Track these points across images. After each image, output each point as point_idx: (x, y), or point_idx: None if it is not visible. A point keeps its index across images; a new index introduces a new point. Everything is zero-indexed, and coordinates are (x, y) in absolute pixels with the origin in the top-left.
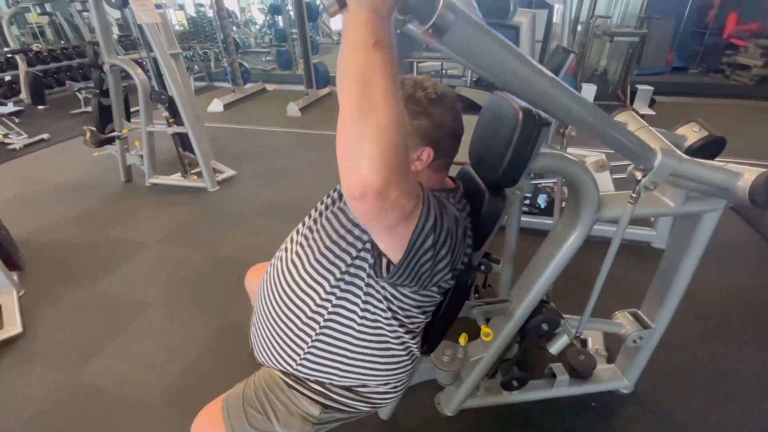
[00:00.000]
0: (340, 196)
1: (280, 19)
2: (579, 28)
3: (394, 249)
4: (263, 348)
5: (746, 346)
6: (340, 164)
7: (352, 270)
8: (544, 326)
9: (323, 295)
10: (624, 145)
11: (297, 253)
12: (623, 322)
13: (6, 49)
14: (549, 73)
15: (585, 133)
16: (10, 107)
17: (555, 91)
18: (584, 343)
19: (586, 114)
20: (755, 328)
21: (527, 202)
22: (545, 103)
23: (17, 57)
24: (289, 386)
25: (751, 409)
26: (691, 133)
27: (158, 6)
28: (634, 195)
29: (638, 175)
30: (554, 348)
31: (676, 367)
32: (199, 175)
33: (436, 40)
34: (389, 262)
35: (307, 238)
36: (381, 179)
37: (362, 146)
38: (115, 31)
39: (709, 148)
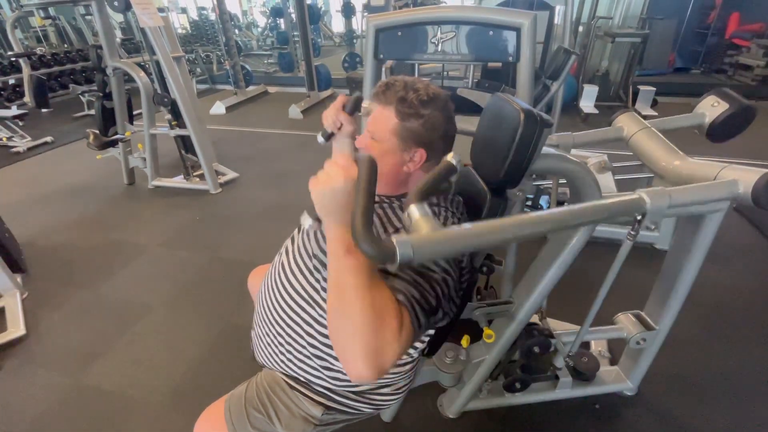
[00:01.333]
0: None
1: (281, 21)
2: (580, 29)
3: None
4: (265, 350)
5: (751, 347)
6: (339, 358)
7: None
8: (536, 350)
9: (321, 303)
10: (611, 214)
11: (296, 258)
12: (626, 323)
13: (10, 53)
14: (509, 220)
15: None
16: (14, 110)
17: (523, 227)
18: (587, 345)
19: (559, 223)
20: (760, 330)
21: (529, 203)
22: (521, 238)
23: (21, 60)
24: (291, 387)
25: (757, 412)
26: (711, 109)
27: (161, 9)
28: (632, 233)
29: (637, 216)
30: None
31: (680, 368)
32: (202, 177)
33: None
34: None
35: (304, 244)
36: (373, 369)
37: (346, 348)
38: (118, 35)
39: (734, 122)
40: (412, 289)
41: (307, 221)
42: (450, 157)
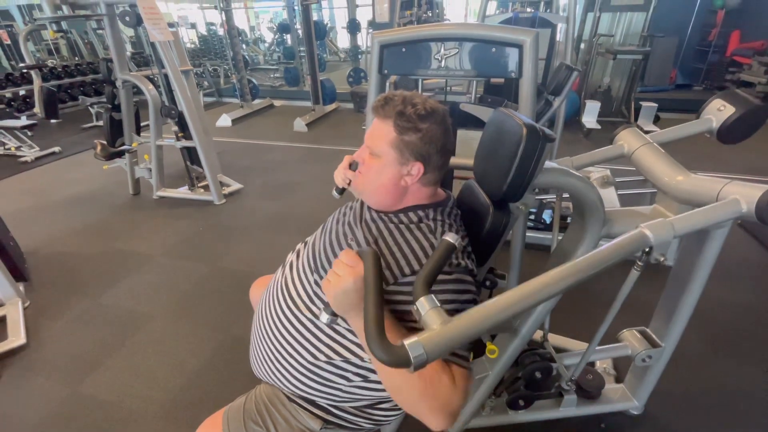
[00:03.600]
0: (351, 227)
1: (288, 37)
2: (582, 46)
3: None
4: (263, 365)
5: (758, 365)
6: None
7: None
8: (537, 375)
9: (322, 326)
10: (622, 254)
11: (298, 276)
12: (631, 340)
13: (22, 65)
14: (515, 293)
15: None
16: (24, 121)
17: (531, 293)
18: (592, 362)
19: (567, 281)
20: (767, 347)
21: (532, 217)
22: (531, 305)
23: (32, 72)
24: (290, 400)
25: (765, 431)
26: (717, 113)
27: (171, 25)
28: (640, 263)
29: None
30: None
31: (687, 387)
32: (206, 188)
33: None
34: None
35: (305, 266)
36: (445, 420)
37: (416, 411)
38: (129, 49)
39: (746, 123)
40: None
41: (324, 317)
42: (448, 236)
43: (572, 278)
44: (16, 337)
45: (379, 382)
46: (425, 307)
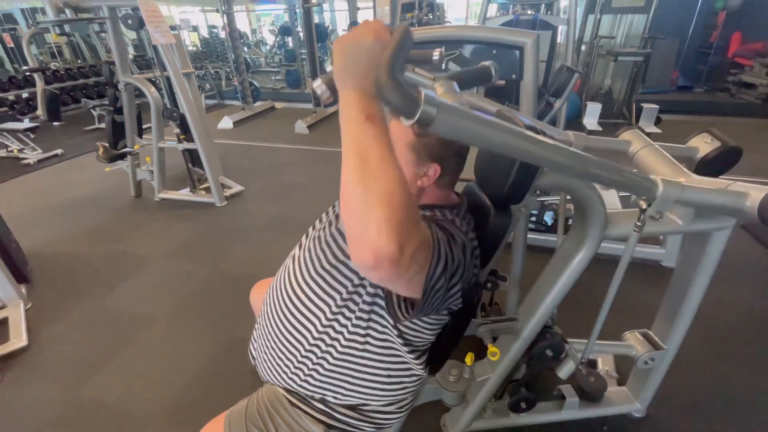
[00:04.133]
0: (337, 217)
1: (289, 40)
2: (583, 48)
3: (408, 294)
4: (266, 364)
5: (762, 367)
6: (349, 237)
7: (355, 297)
8: (548, 352)
9: (329, 316)
10: (622, 183)
11: (299, 273)
12: (633, 342)
13: (25, 68)
14: (534, 134)
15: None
16: (27, 123)
17: (541, 149)
18: (594, 364)
19: (575, 163)
20: None
21: (534, 219)
22: (533, 160)
23: (35, 75)
24: (293, 404)
25: None
26: (704, 145)
27: (173, 27)
28: (638, 223)
29: (642, 204)
30: (562, 373)
31: (690, 390)
32: (208, 190)
33: (423, 130)
34: (401, 299)
35: (305, 260)
36: (393, 242)
37: (369, 214)
38: (131, 51)
39: (723, 159)
40: (437, 229)
41: (320, 87)
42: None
43: (563, 158)
44: (18, 339)
45: (383, 381)
46: (441, 87)
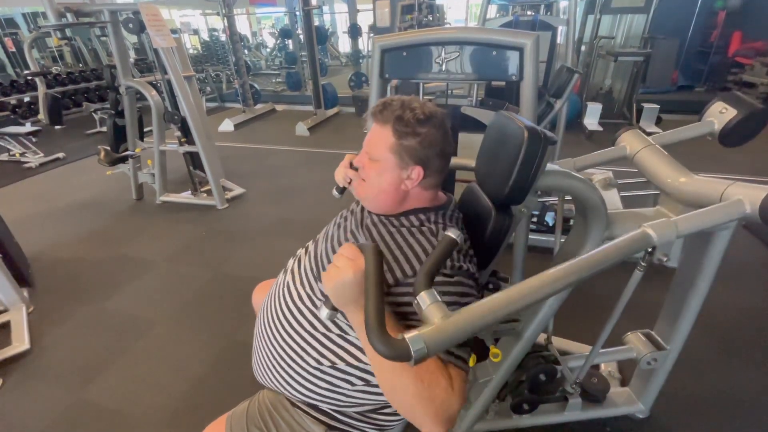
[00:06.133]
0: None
1: (290, 42)
2: (583, 48)
3: None
4: (266, 372)
5: (765, 367)
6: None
7: None
8: (541, 377)
9: (326, 331)
10: (625, 253)
11: (300, 282)
12: (636, 343)
13: (26, 72)
14: (509, 294)
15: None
16: (28, 127)
17: (537, 293)
18: (596, 365)
19: (573, 273)
20: None
21: (535, 219)
22: (534, 302)
23: (37, 79)
24: (294, 405)
25: None
26: (719, 116)
27: (174, 31)
28: (643, 263)
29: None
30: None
31: (693, 391)
32: (209, 193)
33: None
34: None
35: (307, 273)
36: (442, 425)
37: (411, 414)
38: (132, 55)
39: (745, 126)
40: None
41: (324, 312)
42: (450, 232)
43: (574, 276)
44: (20, 342)
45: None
46: (426, 301)
